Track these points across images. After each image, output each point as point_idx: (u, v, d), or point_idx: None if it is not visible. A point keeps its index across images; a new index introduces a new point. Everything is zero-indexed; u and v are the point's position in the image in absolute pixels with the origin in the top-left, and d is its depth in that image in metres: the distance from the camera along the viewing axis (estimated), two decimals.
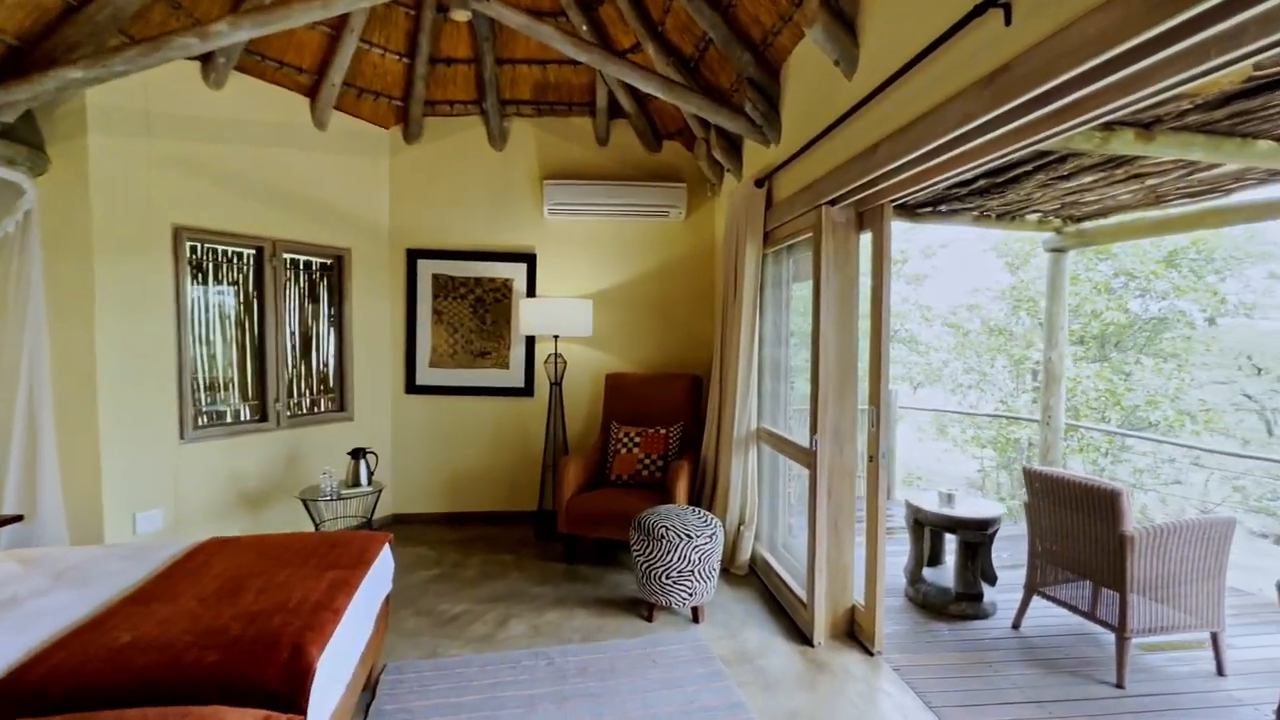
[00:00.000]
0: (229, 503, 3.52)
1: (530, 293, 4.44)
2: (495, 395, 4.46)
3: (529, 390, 4.47)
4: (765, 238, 3.40)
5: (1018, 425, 8.58)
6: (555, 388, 4.19)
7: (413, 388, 4.42)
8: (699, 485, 3.87)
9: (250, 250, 3.66)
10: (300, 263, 3.97)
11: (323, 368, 4.14)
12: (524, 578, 3.49)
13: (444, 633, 2.87)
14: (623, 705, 2.29)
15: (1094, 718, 2.30)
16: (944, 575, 3.40)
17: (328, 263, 4.10)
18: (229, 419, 3.61)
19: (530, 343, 4.46)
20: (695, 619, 2.99)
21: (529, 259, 4.44)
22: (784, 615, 3.05)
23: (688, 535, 2.88)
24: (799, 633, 2.86)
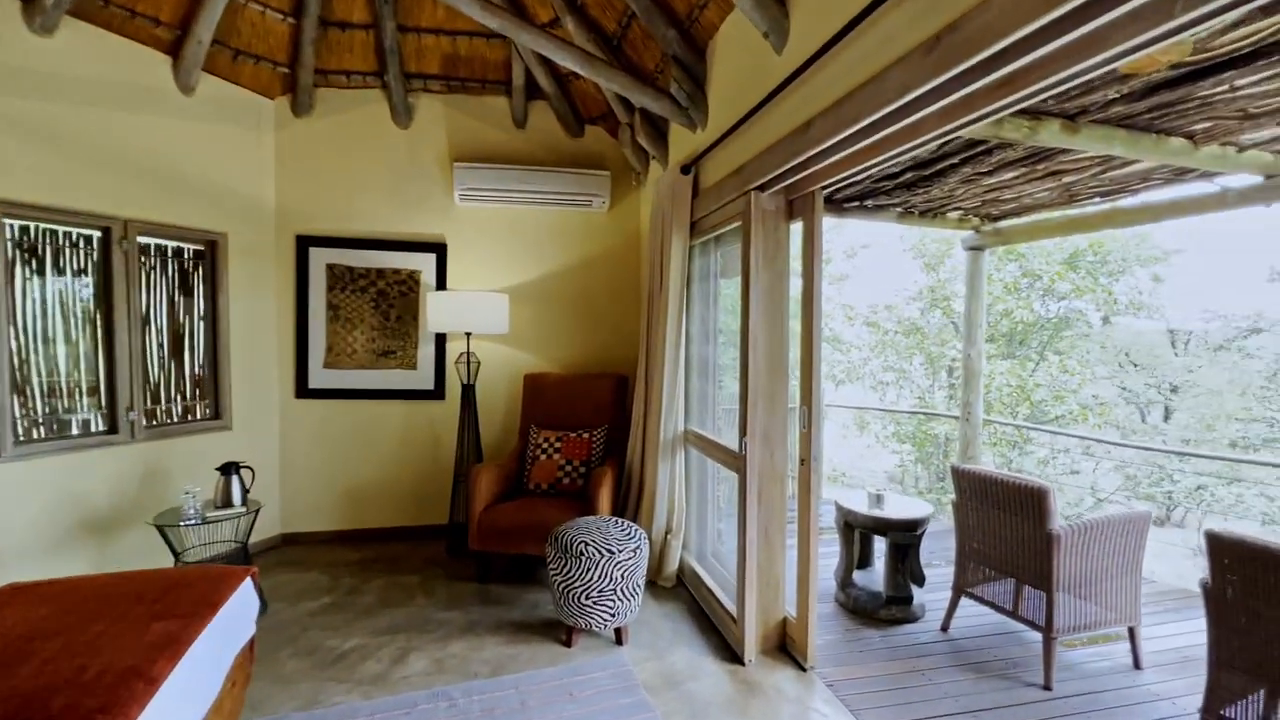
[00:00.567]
0: (67, 532, 2.94)
1: (440, 286, 4.05)
2: (401, 399, 4.04)
3: (439, 393, 4.08)
4: (692, 228, 3.20)
5: (937, 421, 8.90)
6: (468, 390, 3.83)
7: (304, 391, 3.93)
8: (624, 492, 3.62)
9: (95, 232, 3.10)
10: (169, 249, 3.43)
11: (198, 370, 3.60)
12: (430, 603, 3.13)
13: (329, 675, 2.48)
14: None
15: None
16: (874, 578, 3.32)
17: (200, 249, 3.56)
18: (75, 430, 3.05)
19: (441, 341, 4.07)
20: (619, 641, 2.74)
21: (438, 249, 4.05)
22: (714, 631, 2.85)
23: (609, 551, 2.62)
24: (729, 650, 2.67)
